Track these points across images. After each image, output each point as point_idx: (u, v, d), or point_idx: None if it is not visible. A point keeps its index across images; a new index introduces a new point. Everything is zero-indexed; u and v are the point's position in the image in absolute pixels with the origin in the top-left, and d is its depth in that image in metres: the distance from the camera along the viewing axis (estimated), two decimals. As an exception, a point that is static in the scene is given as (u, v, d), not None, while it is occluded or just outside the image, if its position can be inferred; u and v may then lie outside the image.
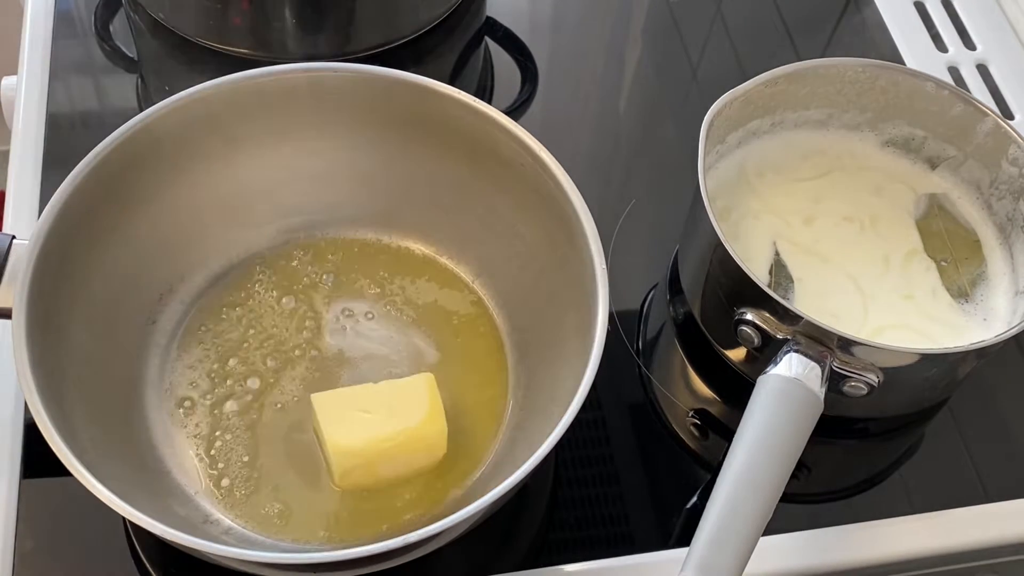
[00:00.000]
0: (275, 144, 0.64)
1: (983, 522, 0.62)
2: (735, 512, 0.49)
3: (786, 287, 0.63)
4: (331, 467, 0.57)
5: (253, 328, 0.63)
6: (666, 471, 0.63)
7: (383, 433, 0.56)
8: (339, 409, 0.57)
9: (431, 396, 0.57)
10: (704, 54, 0.84)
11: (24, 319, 0.52)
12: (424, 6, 0.80)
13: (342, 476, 0.57)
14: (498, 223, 0.63)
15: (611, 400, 0.65)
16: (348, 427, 0.56)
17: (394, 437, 0.56)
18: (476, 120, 0.61)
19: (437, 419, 0.57)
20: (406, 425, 0.56)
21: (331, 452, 0.56)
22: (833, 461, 0.65)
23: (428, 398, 0.57)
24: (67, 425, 0.51)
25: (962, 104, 0.65)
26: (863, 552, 0.60)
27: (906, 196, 0.67)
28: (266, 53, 0.77)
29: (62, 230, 0.55)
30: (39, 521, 0.58)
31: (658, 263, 0.71)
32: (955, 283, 0.64)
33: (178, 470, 0.58)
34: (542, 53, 0.83)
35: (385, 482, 0.57)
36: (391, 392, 0.57)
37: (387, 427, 0.56)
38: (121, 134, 0.58)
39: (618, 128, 0.81)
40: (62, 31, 0.79)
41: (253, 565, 0.50)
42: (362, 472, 0.57)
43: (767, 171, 0.67)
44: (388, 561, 0.50)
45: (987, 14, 0.86)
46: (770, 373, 0.54)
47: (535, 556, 0.60)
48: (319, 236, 0.67)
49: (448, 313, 0.64)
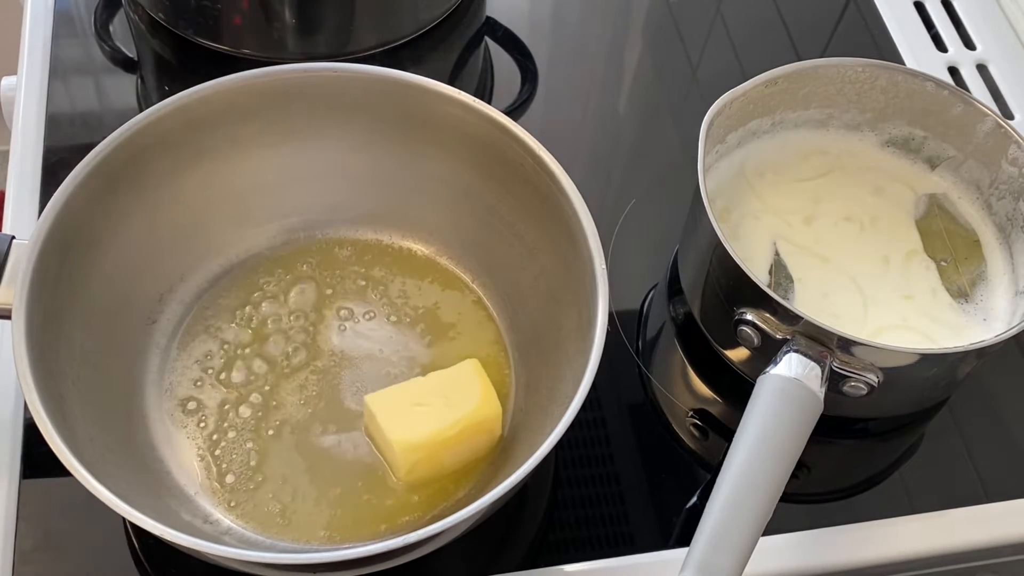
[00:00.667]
0: (275, 144, 0.64)
1: (983, 522, 0.62)
2: (735, 512, 0.49)
3: (786, 287, 0.63)
4: (395, 464, 0.57)
5: (253, 328, 0.63)
6: (666, 471, 0.63)
7: (443, 423, 0.56)
8: (395, 406, 0.57)
9: (482, 380, 0.58)
10: (704, 54, 0.84)
11: (24, 319, 0.51)
12: (424, 6, 0.80)
13: (408, 471, 0.57)
14: (498, 223, 0.63)
15: (611, 400, 0.65)
16: (408, 422, 0.57)
17: (454, 425, 0.57)
18: (476, 120, 0.61)
19: (491, 401, 0.58)
20: (464, 412, 0.57)
21: (397, 449, 0.56)
22: (833, 461, 0.65)
23: (479, 382, 0.58)
24: (67, 425, 0.51)
25: (962, 104, 0.65)
26: (863, 552, 0.60)
27: (906, 196, 0.67)
28: (266, 53, 0.77)
29: (62, 230, 0.55)
30: (39, 521, 0.58)
31: (658, 263, 0.71)
32: (955, 283, 0.64)
33: (178, 470, 0.58)
34: (542, 53, 0.83)
35: (447, 471, 0.58)
36: (441, 382, 0.58)
37: (446, 417, 0.57)
38: (121, 134, 0.58)
39: (618, 128, 0.81)
40: (62, 31, 0.79)
41: (253, 565, 0.50)
42: (426, 465, 0.57)
43: (767, 171, 0.67)
44: (388, 561, 0.50)
45: (987, 14, 0.86)
46: (770, 373, 0.54)
47: (535, 556, 0.60)
48: (319, 236, 0.67)
49: (448, 313, 0.64)
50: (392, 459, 0.57)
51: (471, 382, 0.58)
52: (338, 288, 0.65)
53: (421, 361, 0.62)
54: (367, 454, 0.59)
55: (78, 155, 0.57)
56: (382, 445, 0.58)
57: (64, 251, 0.55)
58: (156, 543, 0.52)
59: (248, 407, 0.60)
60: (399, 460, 0.57)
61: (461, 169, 0.63)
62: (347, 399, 0.61)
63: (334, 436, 0.60)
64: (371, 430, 0.59)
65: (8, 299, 0.53)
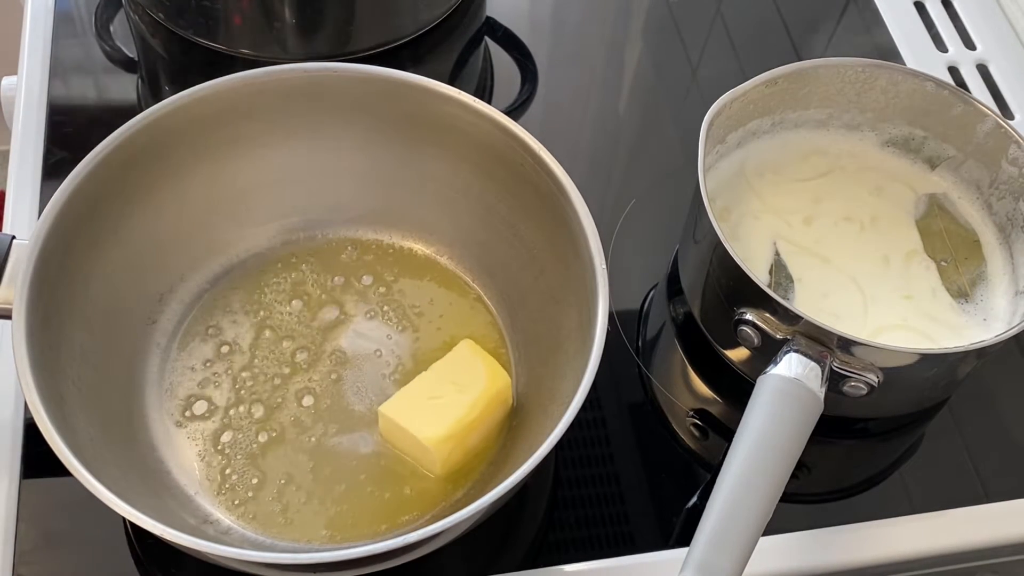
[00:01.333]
0: (275, 144, 0.64)
1: (983, 522, 0.62)
2: (735, 512, 0.49)
3: (786, 287, 0.63)
4: (428, 461, 0.58)
5: (253, 328, 0.63)
6: (666, 471, 0.63)
7: (463, 408, 0.57)
8: (411, 407, 0.58)
9: (482, 356, 0.59)
10: (704, 54, 0.84)
11: (24, 319, 0.52)
12: (424, 6, 0.80)
13: (443, 463, 0.58)
14: (498, 223, 0.63)
15: (611, 400, 0.65)
16: (431, 418, 0.57)
17: (473, 407, 0.57)
18: (476, 120, 0.61)
19: (499, 373, 0.59)
20: (478, 392, 0.58)
21: (429, 446, 0.57)
22: (833, 461, 0.65)
23: (481, 359, 0.59)
24: (67, 425, 0.51)
25: (962, 104, 0.65)
26: (863, 552, 0.60)
27: (906, 196, 0.67)
28: (266, 53, 0.77)
29: (62, 230, 0.55)
30: (39, 521, 0.58)
31: (658, 263, 0.71)
32: (955, 283, 0.64)
33: (178, 470, 0.58)
34: (542, 53, 0.83)
35: (473, 451, 0.59)
36: (446, 370, 0.59)
37: (463, 401, 0.58)
38: (121, 134, 0.58)
39: (618, 128, 0.81)
40: (62, 31, 0.79)
41: (253, 565, 0.50)
42: (458, 451, 0.58)
43: (767, 171, 0.67)
44: (388, 561, 0.50)
45: (987, 14, 0.86)
46: (770, 373, 0.54)
47: (535, 556, 0.60)
48: (319, 236, 0.67)
49: (448, 313, 0.64)
50: (425, 457, 0.58)
51: (473, 361, 0.59)
52: (338, 288, 0.65)
53: (421, 360, 0.62)
54: (368, 453, 0.59)
55: (78, 155, 0.57)
56: (410, 447, 0.58)
57: (64, 251, 0.55)
58: (156, 543, 0.52)
59: (248, 407, 0.60)
60: (434, 456, 0.57)
61: (461, 169, 0.63)
62: (348, 398, 0.61)
63: (335, 436, 0.60)
64: (393, 436, 0.59)
65: (8, 299, 0.53)
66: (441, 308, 0.65)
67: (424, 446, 0.57)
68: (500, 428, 0.60)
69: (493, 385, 0.58)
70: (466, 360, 0.59)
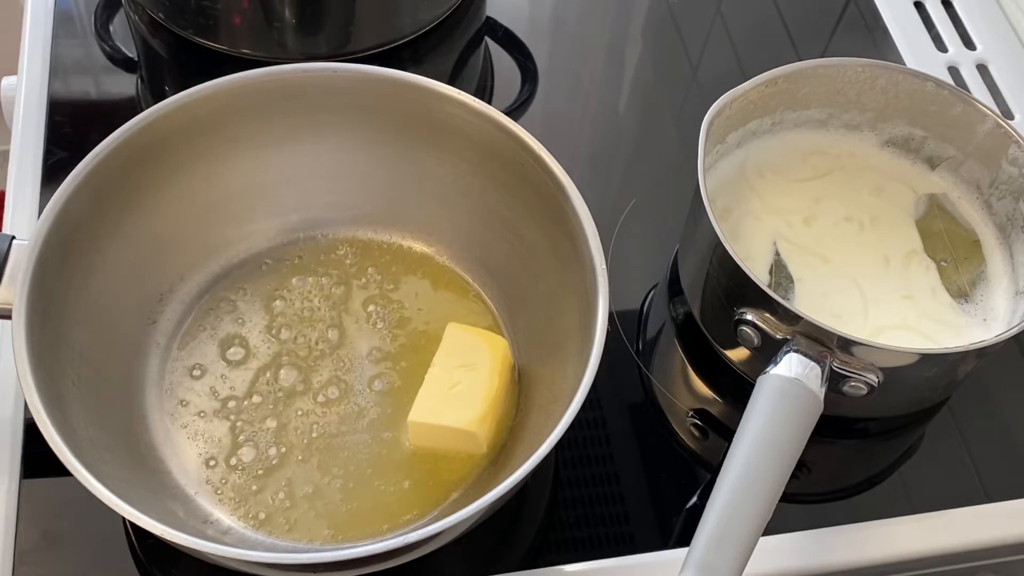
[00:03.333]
0: (275, 144, 0.64)
1: (983, 522, 0.62)
2: (735, 512, 0.49)
3: (786, 287, 0.63)
4: (474, 444, 0.59)
5: (253, 328, 0.63)
6: (666, 471, 0.63)
7: (484, 383, 0.59)
8: (438, 404, 0.58)
9: (474, 331, 0.61)
10: (704, 54, 0.84)
11: (24, 319, 0.52)
12: (424, 6, 0.80)
13: (488, 440, 0.59)
14: (498, 223, 0.63)
15: (611, 400, 0.65)
16: (461, 404, 0.58)
17: (491, 379, 0.59)
18: (476, 120, 0.61)
19: (495, 339, 0.61)
20: (488, 364, 0.59)
21: (473, 430, 0.58)
22: (833, 461, 0.65)
23: (473, 335, 0.60)
24: (67, 425, 0.51)
25: (962, 104, 0.65)
26: (863, 552, 0.60)
27: (906, 196, 0.67)
28: (266, 53, 0.77)
29: (62, 230, 0.55)
30: (39, 521, 0.58)
31: (658, 263, 0.71)
32: (955, 283, 0.64)
33: (178, 470, 0.58)
34: (542, 53, 0.83)
35: (501, 418, 0.60)
36: (449, 357, 0.60)
37: (481, 378, 0.59)
38: (121, 134, 0.58)
39: (618, 128, 0.81)
40: (62, 31, 0.80)
41: (253, 565, 0.50)
42: (496, 425, 0.59)
43: (767, 171, 0.67)
44: (388, 561, 0.50)
45: (987, 14, 0.86)
46: (770, 373, 0.54)
47: (535, 556, 0.60)
48: (319, 236, 0.67)
49: (448, 313, 0.64)
50: (470, 442, 0.58)
51: (468, 338, 0.60)
52: (338, 287, 0.65)
53: (422, 359, 0.62)
54: (368, 453, 0.59)
55: (78, 155, 0.57)
56: (451, 441, 0.59)
57: (64, 251, 0.56)
58: (156, 543, 0.52)
59: (248, 407, 0.60)
60: (480, 438, 0.58)
61: (461, 169, 0.63)
62: (349, 398, 0.61)
63: (335, 435, 0.60)
64: (428, 439, 0.59)
65: (8, 299, 0.53)
66: (441, 308, 0.65)
67: (468, 431, 0.58)
68: (513, 387, 0.61)
69: (496, 352, 0.60)
70: (461, 340, 0.60)
